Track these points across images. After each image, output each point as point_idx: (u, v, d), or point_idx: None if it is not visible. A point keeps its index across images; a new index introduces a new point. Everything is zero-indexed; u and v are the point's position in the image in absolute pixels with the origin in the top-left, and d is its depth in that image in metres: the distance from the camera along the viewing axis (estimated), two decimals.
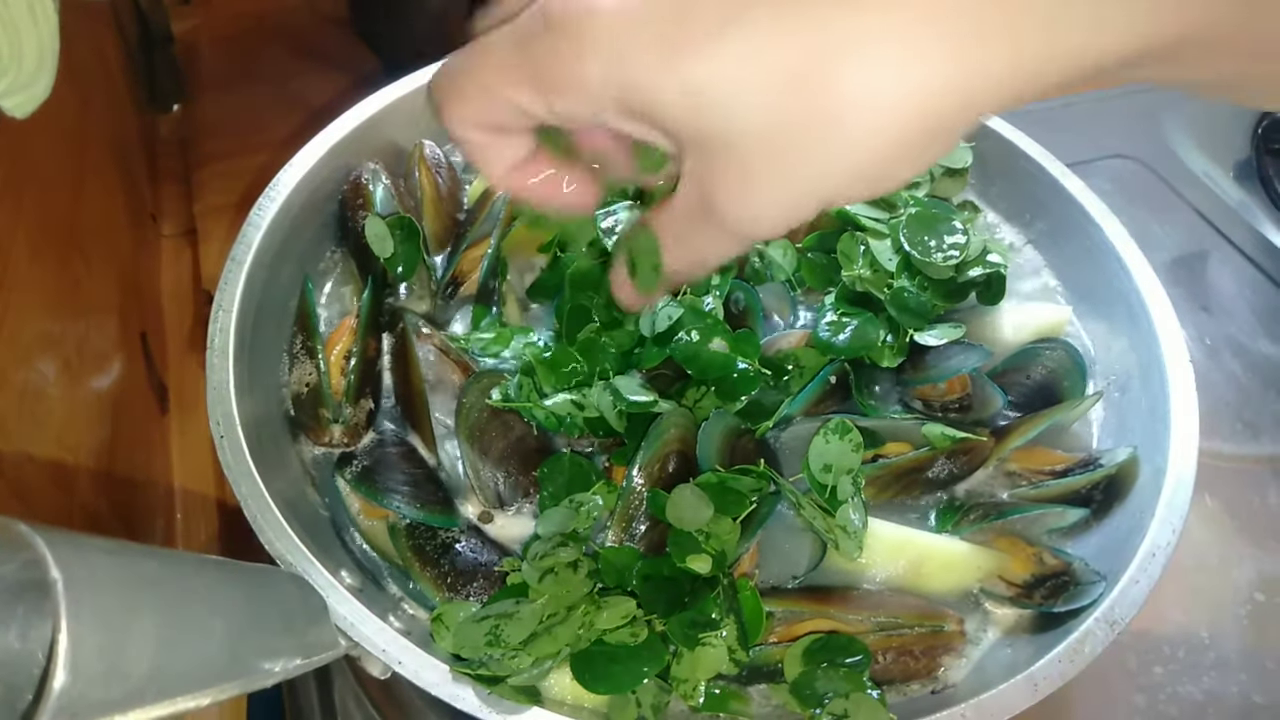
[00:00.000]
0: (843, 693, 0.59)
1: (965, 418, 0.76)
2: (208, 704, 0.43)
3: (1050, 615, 0.64)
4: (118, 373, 0.88)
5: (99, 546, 0.39)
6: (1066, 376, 0.78)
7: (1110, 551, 0.67)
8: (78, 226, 0.84)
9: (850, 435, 0.67)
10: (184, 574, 0.45)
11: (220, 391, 0.66)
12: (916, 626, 0.64)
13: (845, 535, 0.64)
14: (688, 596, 0.60)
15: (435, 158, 0.88)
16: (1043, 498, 0.72)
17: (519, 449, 0.71)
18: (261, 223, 0.75)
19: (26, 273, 0.69)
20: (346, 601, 0.57)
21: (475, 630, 0.58)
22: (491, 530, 0.69)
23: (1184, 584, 0.87)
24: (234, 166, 1.23)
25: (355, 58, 1.40)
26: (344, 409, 0.72)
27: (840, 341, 0.74)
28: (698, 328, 0.70)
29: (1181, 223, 1.19)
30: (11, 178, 0.68)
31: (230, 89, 1.38)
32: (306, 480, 0.71)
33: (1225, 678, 0.82)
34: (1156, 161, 1.25)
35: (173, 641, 0.41)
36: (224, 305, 0.70)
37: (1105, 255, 0.82)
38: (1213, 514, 0.92)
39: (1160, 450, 0.69)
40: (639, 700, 0.59)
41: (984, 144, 0.90)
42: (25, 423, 0.66)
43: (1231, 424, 1.00)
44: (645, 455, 0.66)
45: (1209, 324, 1.09)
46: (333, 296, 0.83)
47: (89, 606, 0.36)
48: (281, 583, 0.55)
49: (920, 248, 0.75)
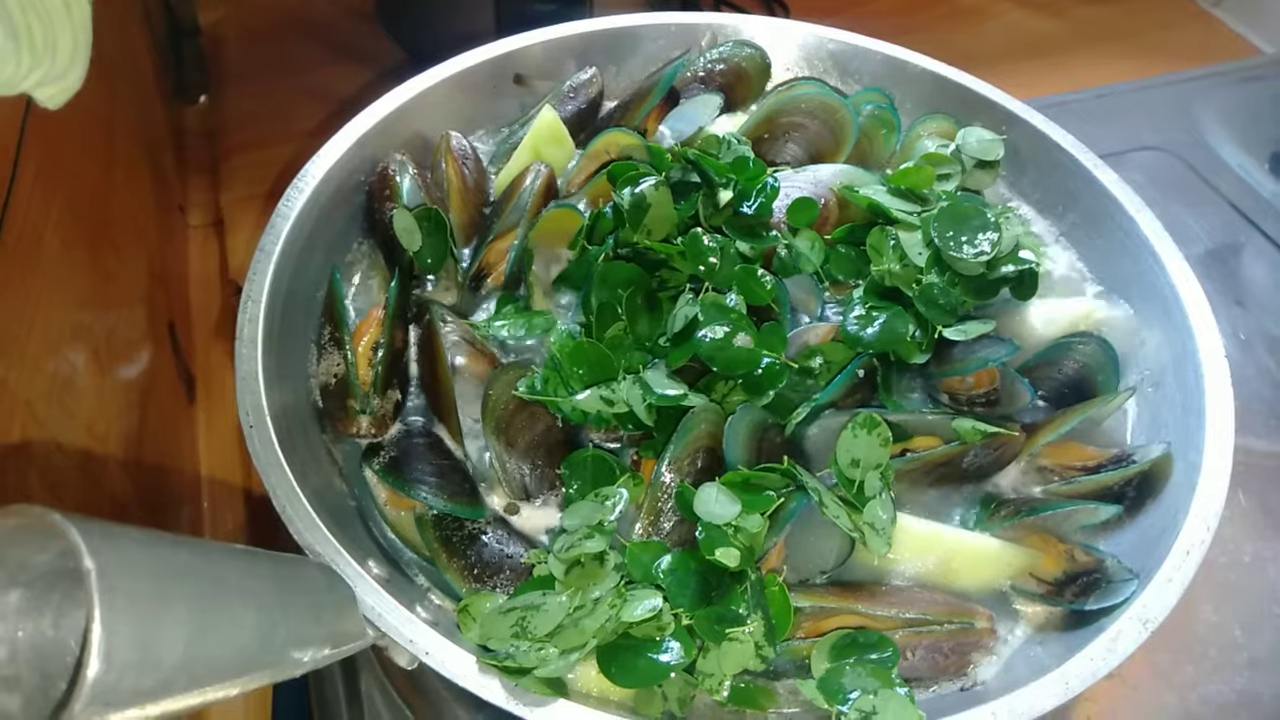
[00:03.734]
0: (870, 689, 0.58)
1: (993, 412, 0.75)
2: (237, 693, 0.43)
3: (1082, 613, 0.64)
4: (146, 362, 0.89)
5: (131, 536, 0.39)
6: (1099, 371, 0.77)
7: (1143, 549, 0.66)
8: (107, 217, 0.84)
9: (878, 429, 0.66)
10: (215, 563, 0.45)
11: (249, 382, 0.66)
12: (946, 623, 0.63)
13: (873, 532, 0.64)
14: (715, 591, 0.60)
15: (462, 149, 0.87)
16: (1075, 494, 0.71)
17: (545, 441, 0.70)
18: (289, 213, 0.75)
19: (57, 262, 0.69)
20: (374, 592, 0.57)
21: (502, 621, 0.58)
22: (518, 522, 0.69)
23: (1216, 582, 0.86)
24: (261, 158, 1.24)
25: (381, 50, 1.40)
26: (371, 400, 0.72)
27: (868, 336, 0.73)
28: (722, 323, 0.70)
29: (1215, 215, 1.17)
30: (44, 168, 0.68)
31: (256, 81, 1.38)
32: (334, 471, 0.71)
33: (1258, 677, 0.81)
34: (1190, 154, 1.24)
35: (204, 631, 0.41)
36: (252, 295, 0.70)
37: (1139, 248, 0.81)
38: (1246, 511, 0.91)
39: (1194, 446, 0.68)
40: (665, 694, 0.59)
41: (1016, 135, 0.89)
42: (55, 411, 0.66)
43: (1266, 420, 0.98)
44: (675, 450, 0.65)
45: (1243, 318, 1.07)
46: (360, 287, 0.83)
47: (122, 596, 0.36)
48: (310, 572, 0.55)
49: (951, 243, 0.74)
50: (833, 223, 0.83)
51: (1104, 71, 1.41)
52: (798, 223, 0.80)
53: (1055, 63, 1.47)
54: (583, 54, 0.96)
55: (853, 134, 0.89)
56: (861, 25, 1.00)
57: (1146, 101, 1.30)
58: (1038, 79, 1.39)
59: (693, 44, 0.98)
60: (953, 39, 1.50)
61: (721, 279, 0.74)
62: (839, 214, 0.83)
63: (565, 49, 0.95)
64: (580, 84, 0.94)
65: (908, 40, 0.97)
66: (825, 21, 0.99)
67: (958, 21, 1.56)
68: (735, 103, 0.96)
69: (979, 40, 1.52)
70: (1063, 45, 1.51)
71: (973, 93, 0.93)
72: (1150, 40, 1.52)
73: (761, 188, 0.79)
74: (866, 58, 0.97)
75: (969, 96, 0.93)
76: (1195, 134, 1.26)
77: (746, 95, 0.97)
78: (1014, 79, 0.96)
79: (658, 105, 0.91)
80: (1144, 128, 1.26)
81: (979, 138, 0.87)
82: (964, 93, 0.93)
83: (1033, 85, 1.27)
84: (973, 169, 0.86)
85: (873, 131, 0.91)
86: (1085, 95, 1.33)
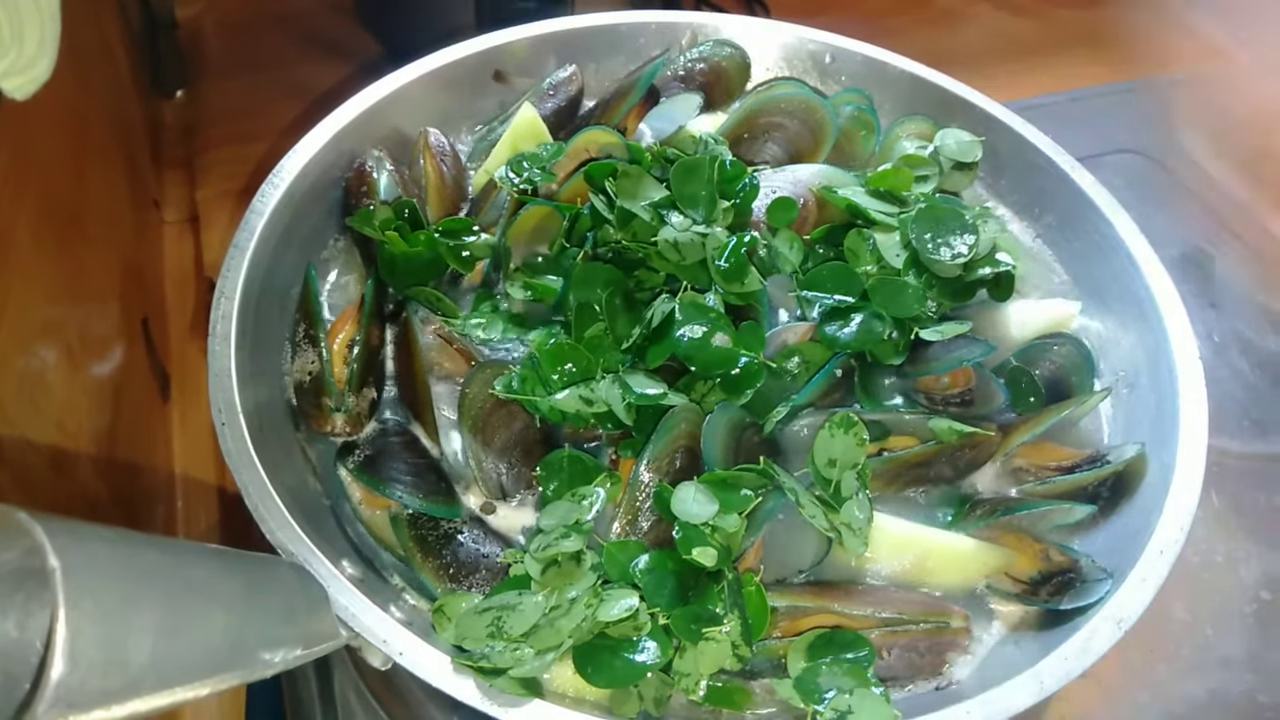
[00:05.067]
0: (846, 689, 0.58)
1: (967, 412, 0.75)
2: (207, 694, 0.43)
3: (1056, 612, 0.64)
4: (119, 359, 0.88)
5: (99, 535, 0.39)
6: (1075, 372, 0.77)
7: (1117, 549, 0.66)
8: (80, 211, 0.83)
9: (855, 429, 0.66)
10: (184, 563, 0.44)
11: (222, 379, 0.65)
12: (922, 623, 0.63)
13: (850, 532, 0.64)
14: (692, 590, 0.60)
15: (440, 146, 0.87)
16: (1050, 494, 0.71)
17: (522, 440, 0.70)
18: (265, 209, 0.75)
19: (28, 258, 0.69)
20: (347, 591, 0.57)
21: (477, 621, 0.57)
22: (494, 521, 0.69)
23: (1190, 582, 0.87)
24: (237, 153, 1.23)
25: (359, 45, 1.39)
26: (346, 398, 0.72)
27: (845, 335, 0.73)
28: (700, 323, 0.70)
29: (1190, 218, 1.19)
30: (14, 161, 0.67)
31: (234, 75, 1.37)
32: (308, 469, 0.70)
33: (1230, 676, 0.82)
34: (1166, 157, 1.25)
35: (172, 631, 0.40)
36: (226, 292, 0.70)
37: (1114, 250, 0.81)
38: (1219, 512, 0.92)
39: (1168, 447, 0.69)
40: (641, 694, 0.59)
41: (994, 137, 0.89)
42: (26, 408, 0.65)
43: (1239, 421, 0.99)
44: (654, 450, 0.65)
45: (1217, 320, 1.08)
46: (336, 284, 0.82)
47: (88, 595, 0.35)
48: (282, 572, 0.55)
49: (929, 245, 0.75)
50: (812, 223, 0.83)
51: (1081, 74, 1.43)
52: (777, 222, 0.80)
53: (1033, 65, 1.48)
54: (563, 51, 0.95)
55: (832, 134, 0.89)
56: (841, 26, 1.00)
57: (1123, 105, 1.31)
58: (1016, 81, 1.40)
59: (673, 43, 0.98)
60: (932, 41, 1.50)
61: (700, 277, 0.74)
62: (818, 214, 0.83)
63: (545, 46, 0.95)
64: (560, 81, 0.94)
65: (887, 41, 0.97)
66: (805, 22, 0.99)
67: (937, 23, 1.57)
68: (715, 102, 0.96)
69: (958, 42, 1.52)
70: (1041, 48, 1.52)
71: (951, 94, 0.93)
72: (1127, 44, 1.53)
73: (742, 186, 0.79)
74: (846, 58, 0.97)
75: (948, 98, 0.93)
76: (1171, 137, 1.27)
77: (726, 95, 0.97)
78: (993, 81, 0.97)
79: (638, 104, 0.90)
80: (1121, 131, 1.27)
81: (957, 139, 0.87)
82: (943, 94, 0.94)
83: (1011, 87, 1.27)
84: (951, 170, 0.86)
85: (852, 132, 0.91)
86: (1062, 98, 1.34)
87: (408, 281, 0.77)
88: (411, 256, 0.77)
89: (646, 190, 0.75)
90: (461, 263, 0.79)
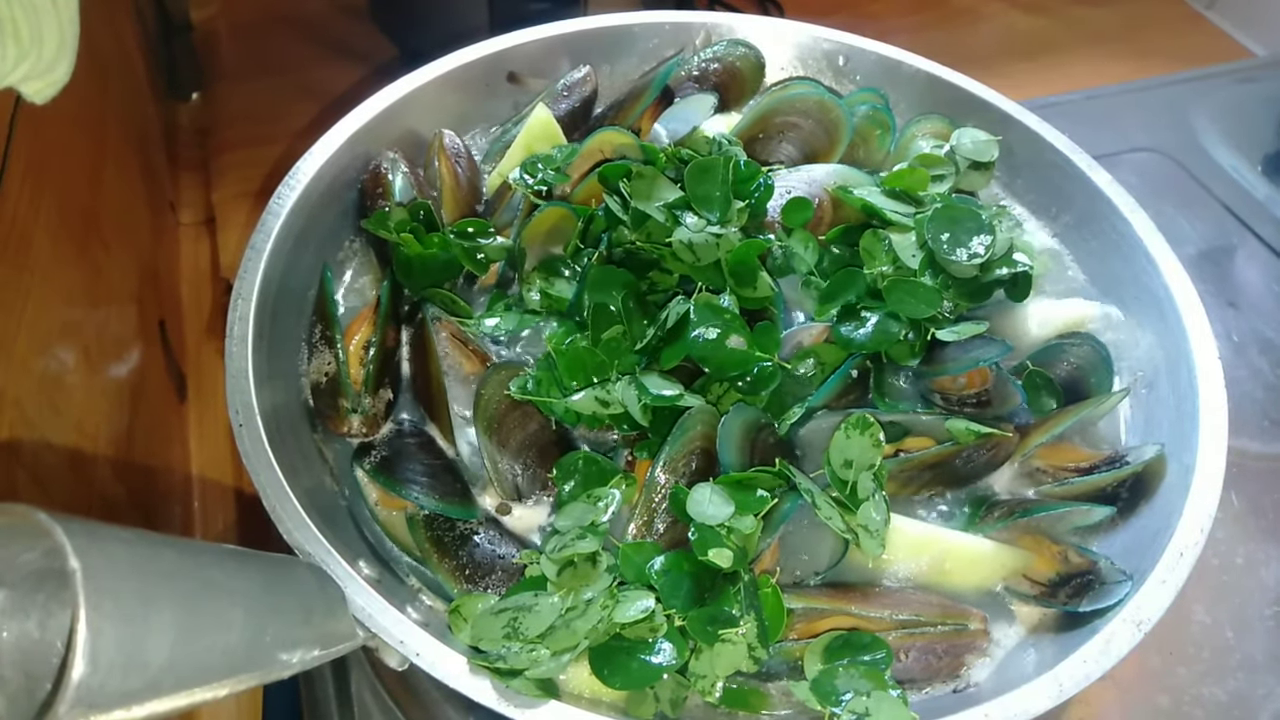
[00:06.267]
0: (863, 691, 0.58)
1: (984, 413, 0.74)
2: (225, 695, 0.43)
3: (1075, 615, 0.63)
4: (136, 361, 0.88)
5: (118, 536, 0.39)
6: (1093, 372, 0.77)
7: (1136, 550, 0.66)
8: (97, 214, 0.84)
9: (871, 430, 0.66)
10: (203, 564, 0.44)
11: (239, 380, 0.65)
12: (939, 625, 0.63)
13: (867, 533, 0.63)
14: (708, 592, 0.60)
15: (455, 147, 0.87)
16: (1068, 495, 0.71)
17: (537, 441, 0.70)
18: (281, 211, 0.75)
19: (47, 260, 0.69)
20: (364, 592, 0.57)
21: (493, 622, 0.57)
22: (510, 522, 0.69)
23: (1209, 584, 0.86)
24: (253, 155, 1.23)
25: (373, 47, 1.40)
26: (363, 399, 0.72)
27: (861, 336, 0.73)
28: (715, 324, 0.69)
29: (1208, 217, 1.18)
30: (32, 164, 0.68)
31: (249, 78, 1.38)
32: (324, 470, 0.71)
33: (1252, 680, 0.81)
34: (1183, 155, 1.24)
35: (191, 632, 0.41)
36: (243, 294, 0.70)
37: (1132, 249, 0.81)
38: (1239, 514, 0.91)
39: (1188, 448, 0.68)
40: (657, 695, 0.59)
41: (1010, 136, 0.89)
42: (45, 410, 0.66)
43: (1259, 422, 0.98)
44: (670, 451, 0.65)
45: (1236, 320, 1.07)
46: (351, 286, 0.83)
47: (108, 596, 0.36)
48: (299, 573, 0.55)
49: (945, 245, 0.74)
50: (827, 223, 0.83)
51: (1098, 73, 1.42)
52: (792, 222, 0.80)
53: (1050, 64, 1.47)
54: (577, 52, 0.95)
55: (847, 134, 0.89)
56: (856, 25, 1.00)
57: (1140, 103, 1.30)
58: (1032, 80, 1.39)
59: (687, 43, 0.98)
60: (947, 39, 1.50)
61: (715, 278, 0.74)
62: (833, 214, 0.83)
63: (559, 47, 0.95)
64: (574, 82, 0.94)
65: (902, 40, 0.97)
66: (820, 21, 0.99)
67: (953, 22, 1.56)
68: (729, 102, 0.96)
69: (974, 41, 1.52)
70: (1057, 46, 1.51)
71: (967, 93, 0.93)
72: (1144, 42, 1.52)
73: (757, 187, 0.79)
74: (861, 58, 0.97)
75: (964, 97, 0.93)
76: (1189, 136, 1.26)
77: (741, 95, 0.97)
78: (1008, 80, 0.96)
79: (652, 104, 0.90)
80: (1138, 129, 1.26)
81: (974, 138, 0.87)
82: (959, 93, 0.93)
83: (1027, 86, 1.27)
84: (967, 170, 0.86)
85: (867, 132, 0.91)
86: (1079, 96, 1.33)
87: (423, 283, 0.77)
88: (427, 258, 0.77)
89: (661, 191, 0.75)
90: (476, 264, 0.79)
